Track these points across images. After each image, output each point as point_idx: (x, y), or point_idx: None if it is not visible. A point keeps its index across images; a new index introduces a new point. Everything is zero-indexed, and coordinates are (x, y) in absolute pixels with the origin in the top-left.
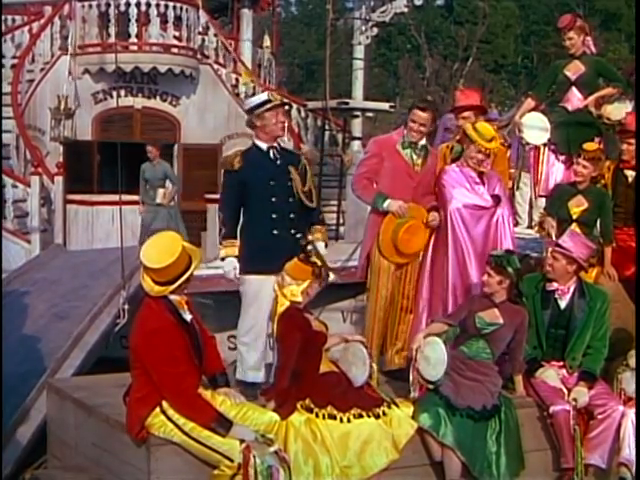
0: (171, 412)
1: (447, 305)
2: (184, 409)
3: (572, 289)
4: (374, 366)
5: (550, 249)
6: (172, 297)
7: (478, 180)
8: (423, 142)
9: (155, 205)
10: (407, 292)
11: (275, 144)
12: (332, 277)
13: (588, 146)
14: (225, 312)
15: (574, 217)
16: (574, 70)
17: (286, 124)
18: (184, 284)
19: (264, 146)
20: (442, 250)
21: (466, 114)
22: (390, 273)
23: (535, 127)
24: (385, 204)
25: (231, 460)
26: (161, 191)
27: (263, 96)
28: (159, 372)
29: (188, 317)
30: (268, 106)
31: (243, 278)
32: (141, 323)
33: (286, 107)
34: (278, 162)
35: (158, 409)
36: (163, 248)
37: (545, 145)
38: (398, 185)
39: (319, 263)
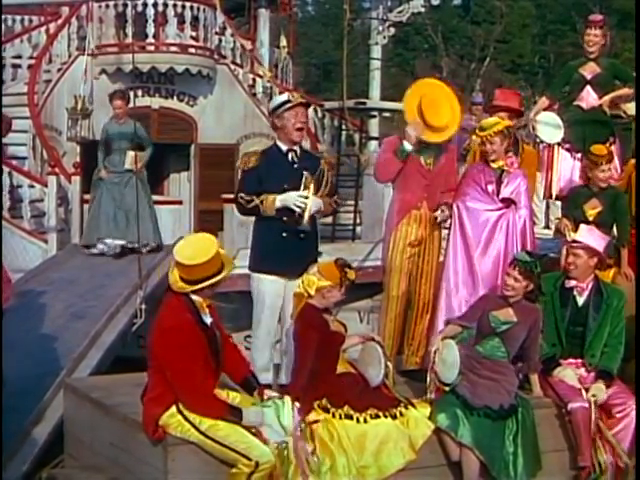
0: (188, 412)
1: (451, 305)
2: (194, 405)
3: (590, 286)
4: (390, 366)
5: (569, 246)
6: (195, 298)
7: (493, 179)
8: None
9: (122, 171)
10: (423, 292)
11: (295, 147)
12: None
13: (599, 151)
14: (242, 312)
15: (590, 219)
16: (590, 70)
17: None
18: (208, 288)
19: (284, 148)
20: (450, 248)
21: (501, 114)
22: (403, 273)
23: (549, 126)
24: (408, 147)
25: (249, 458)
26: (131, 154)
27: (283, 97)
28: (172, 369)
29: (208, 320)
30: (287, 106)
31: (254, 276)
32: (159, 320)
33: (308, 108)
34: (295, 166)
35: (174, 409)
36: (198, 247)
37: (559, 144)
38: (411, 184)
39: (352, 277)
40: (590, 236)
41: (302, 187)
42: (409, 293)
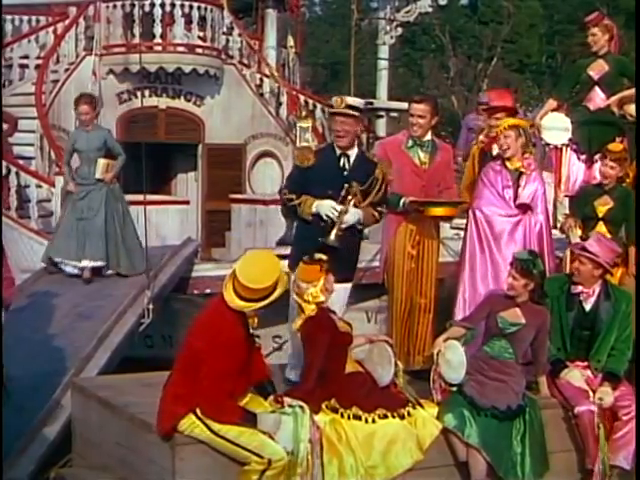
0: (202, 415)
1: (467, 311)
2: (212, 412)
3: (597, 291)
4: (400, 364)
5: (575, 251)
6: (247, 312)
7: (511, 183)
8: (428, 137)
9: (92, 183)
10: (425, 291)
11: (349, 152)
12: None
13: (613, 147)
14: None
15: (600, 215)
16: (597, 70)
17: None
18: (265, 306)
19: (338, 151)
20: (466, 249)
21: (498, 115)
22: (404, 274)
23: (555, 128)
24: (401, 202)
25: (261, 457)
26: (102, 162)
27: (333, 99)
28: (208, 377)
29: (251, 328)
30: (331, 110)
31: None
32: (213, 329)
33: (355, 116)
34: (345, 173)
35: (191, 413)
36: (263, 269)
37: (567, 145)
38: (406, 185)
39: (325, 258)
40: (598, 247)
41: (340, 199)
42: (412, 293)
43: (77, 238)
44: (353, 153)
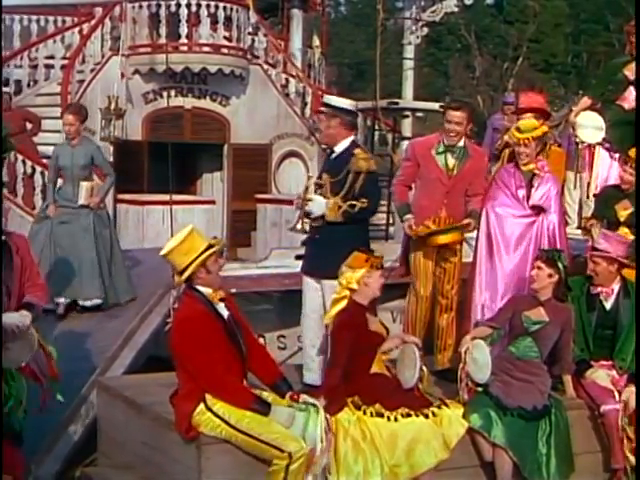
0: (216, 407)
1: (474, 308)
2: (221, 393)
3: (617, 289)
4: (425, 370)
5: (588, 254)
6: (203, 290)
7: (524, 184)
8: (461, 144)
9: (76, 207)
10: (446, 292)
11: (335, 148)
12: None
13: (634, 153)
14: (275, 312)
15: (622, 220)
16: (633, 70)
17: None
18: (197, 270)
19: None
20: (477, 249)
21: (528, 115)
22: (430, 273)
23: (590, 126)
24: (404, 218)
25: (281, 450)
26: (85, 185)
27: None
28: (193, 360)
29: (224, 312)
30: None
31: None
32: (175, 317)
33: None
34: (326, 167)
35: (203, 406)
36: (173, 238)
37: (599, 144)
38: (430, 190)
39: (378, 255)
40: (607, 242)
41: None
42: (433, 293)
43: (54, 271)
44: (339, 148)
